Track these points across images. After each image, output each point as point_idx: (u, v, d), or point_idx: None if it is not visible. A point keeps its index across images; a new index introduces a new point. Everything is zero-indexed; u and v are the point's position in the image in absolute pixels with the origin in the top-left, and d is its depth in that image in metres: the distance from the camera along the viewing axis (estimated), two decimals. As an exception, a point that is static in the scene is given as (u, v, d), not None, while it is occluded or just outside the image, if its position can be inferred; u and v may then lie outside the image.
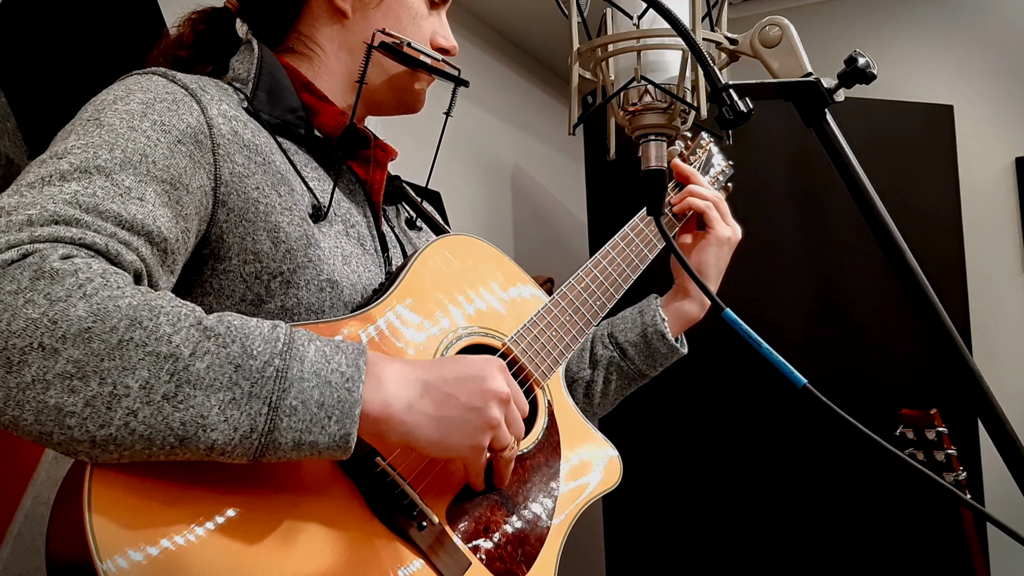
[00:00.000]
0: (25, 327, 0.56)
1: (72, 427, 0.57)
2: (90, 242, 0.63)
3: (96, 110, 0.74)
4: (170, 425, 0.59)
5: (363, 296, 0.84)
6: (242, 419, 0.61)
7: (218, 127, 0.78)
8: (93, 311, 0.58)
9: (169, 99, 0.76)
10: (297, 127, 0.88)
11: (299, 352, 0.64)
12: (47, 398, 0.56)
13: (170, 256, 0.71)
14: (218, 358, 0.61)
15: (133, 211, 0.67)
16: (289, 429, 0.62)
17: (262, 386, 0.62)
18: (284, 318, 0.78)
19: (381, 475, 0.75)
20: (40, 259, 0.59)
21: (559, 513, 0.90)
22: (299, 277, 0.79)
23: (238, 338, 0.63)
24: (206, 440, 0.60)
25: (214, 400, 0.60)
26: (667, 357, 1.19)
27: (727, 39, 0.77)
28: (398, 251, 0.96)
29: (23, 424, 0.57)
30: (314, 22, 0.95)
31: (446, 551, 0.77)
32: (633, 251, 1.10)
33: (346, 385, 0.65)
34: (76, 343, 0.57)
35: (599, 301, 1.04)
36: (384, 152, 0.96)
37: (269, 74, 0.88)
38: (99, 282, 0.60)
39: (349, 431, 0.65)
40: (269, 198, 0.79)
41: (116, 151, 0.69)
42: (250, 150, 0.80)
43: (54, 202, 0.63)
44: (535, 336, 0.95)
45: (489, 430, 0.75)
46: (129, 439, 0.58)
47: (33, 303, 0.57)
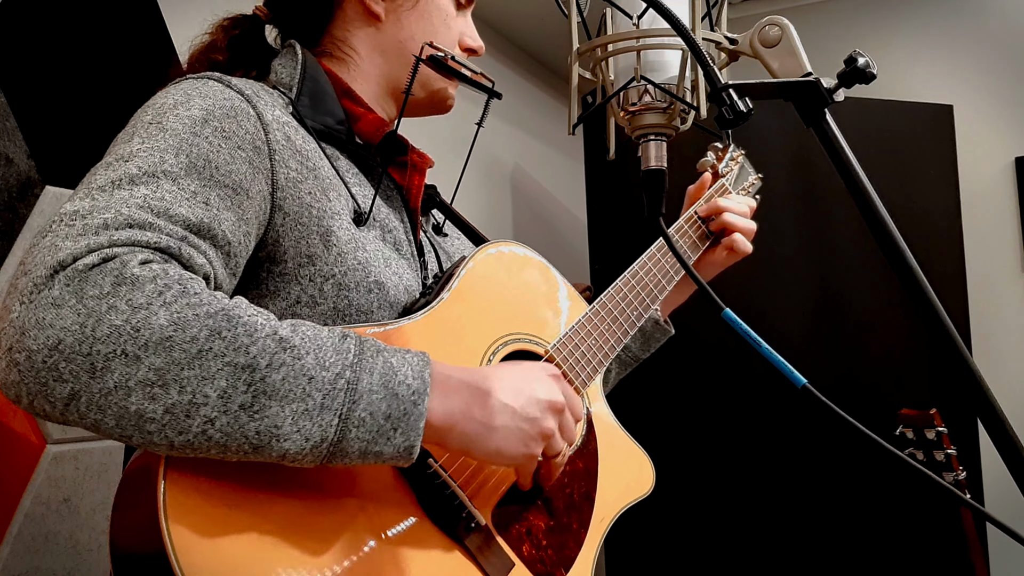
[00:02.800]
0: (109, 333, 0.58)
1: (152, 432, 0.59)
2: (165, 246, 0.65)
3: (157, 114, 0.75)
4: (245, 434, 0.61)
5: (406, 296, 0.87)
6: (313, 430, 0.63)
7: (273, 133, 0.80)
8: (174, 320, 0.60)
9: (228, 105, 0.78)
10: (340, 134, 0.90)
11: (368, 364, 0.67)
12: (128, 404, 0.58)
13: (233, 259, 0.73)
14: (293, 370, 0.63)
15: (200, 215, 0.69)
16: (357, 439, 0.65)
17: (333, 398, 0.64)
18: (337, 319, 0.81)
19: (433, 476, 0.77)
20: (121, 265, 0.60)
21: (596, 518, 0.93)
22: (349, 279, 0.81)
23: (312, 350, 0.65)
24: (279, 449, 0.62)
25: (288, 411, 0.62)
26: (659, 340, 1.24)
27: (727, 39, 0.77)
28: (433, 256, 0.98)
29: (104, 427, 0.59)
30: (347, 26, 0.96)
31: (492, 552, 0.80)
32: (668, 261, 1.12)
33: (412, 398, 0.67)
34: (158, 351, 0.59)
35: (636, 310, 1.05)
36: (421, 158, 0.98)
37: (312, 79, 0.90)
38: (178, 289, 0.61)
39: (413, 443, 0.67)
40: (320, 203, 0.81)
41: (181, 156, 0.71)
42: (302, 156, 0.82)
43: (127, 206, 0.65)
44: (576, 344, 0.97)
45: (543, 440, 0.77)
46: (205, 445, 0.60)
47: (116, 309, 0.59)
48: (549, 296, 1.00)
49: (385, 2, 0.96)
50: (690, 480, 2.25)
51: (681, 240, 1.17)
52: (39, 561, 1.31)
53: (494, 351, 0.89)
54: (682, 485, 2.25)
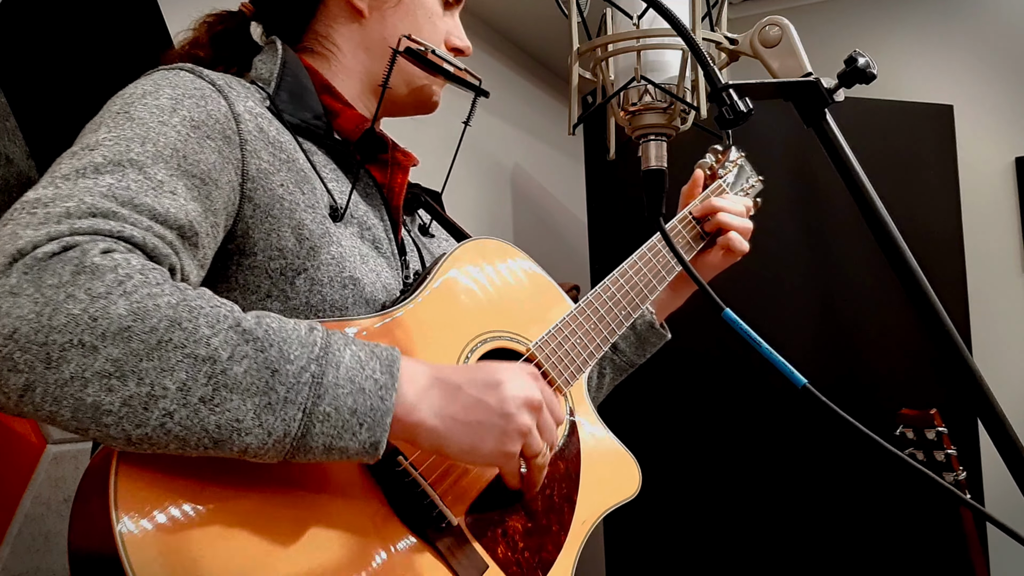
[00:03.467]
0: (66, 323, 0.56)
1: (108, 425, 0.57)
2: (128, 235, 0.63)
3: (125, 103, 0.74)
4: (205, 428, 0.59)
5: (384, 294, 0.85)
6: (276, 424, 0.61)
7: (245, 123, 0.79)
8: (133, 310, 0.58)
9: (198, 94, 0.77)
10: (318, 130, 0.89)
11: (335, 357, 0.65)
12: (85, 395, 0.57)
13: (200, 251, 0.71)
14: (255, 362, 0.61)
15: (167, 205, 0.67)
16: (321, 434, 0.63)
17: (297, 392, 0.62)
18: (309, 314, 0.79)
19: (402, 474, 0.75)
20: (81, 253, 0.59)
21: (577, 521, 0.90)
22: (322, 274, 0.80)
23: (276, 342, 0.63)
24: (240, 443, 0.61)
25: (250, 404, 0.60)
26: (655, 345, 1.22)
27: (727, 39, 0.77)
28: (415, 256, 0.96)
29: (60, 419, 0.57)
30: (331, 22, 0.95)
31: (464, 553, 0.78)
32: (660, 261, 1.10)
33: (379, 393, 0.66)
34: (116, 342, 0.57)
35: (624, 310, 1.03)
36: (405, 156, 0.96)
37: (292, 75, 0.89)
38: (139, 279, 0.60)
39: (379, 439, 0.66)
40: (293, 195, 0.80)
41: (148, 145, 0.70)
42: (275, 147, 0.81)
43: (91, 195, 0.64)
44: (559, 343, 0.95)
45: (520, 437, 0.74)
46: (164, 439, 0.59)
47: (74, 298, 0.57)
48: (533, 294, 0.97)
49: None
50: (691, 480, 2.25)
51: (674, 240, 1.15)
52: (39, 561, 1.31)
53: (472, 348, 0.86)
54: (683, 485, 2.25)
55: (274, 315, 0.66)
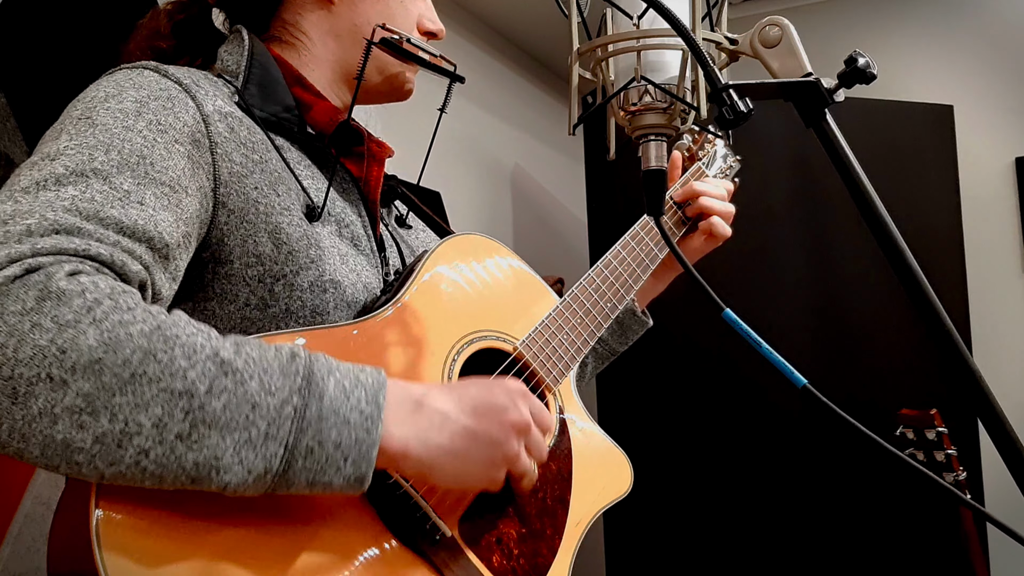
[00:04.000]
0: (32, 355, 0.53)
1: (80, 463, 0.54)
2: (95, 253, 0.60)
3: (87, 108, 0.70)
4: (183, 465, 0.56)
5: (365, 295, 0.83)
6: (256, 461, 0.58)
7: (215, 124, 0.75)
8: (104, 340, 0.55)
9: (164, 96, 0.73)
10: (290, 124, 0.85)
11: (318, 388, 0.62)
12: (54, 432, 0.53)
13: (172, 262, 0.68)
14: (235, 396, 0.58)
15: (134, 216, 0.64)
16: (304, 470, 0.60)
17: (279, 427, 0.59)
18: (289, 321, 0.77)
19: (394, 487, 0.73)
20: (46, 277, 0.55)
21: (571, 523, 0.89)
22: (302, 279, 0.77)
23: (256, 373, 0.60)
24: (219, 481, 0.58)
25: (229, 441, 0.57)
26: (636, 332, 1.20)
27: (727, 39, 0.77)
28: (395, 251, 0.94)
29: (28, 457, 0.54)
30: (298, 9, 0.92)
31: (459, 565, 0.76)
32: (643, 250, 1.08)
33: (365, 425, 0.63)
34: (86, 375, 0.54)
35: (610, 302, 1.02)
36: (380, 148, 0.93)
37: (261, 66, 0.85)
38: (108, 304, 0.56)
39: (364, 473, 0.63)
40: (268, 198, 0.77)
41: (112, 153, 0.66)
42: (247, 148, 0.77)
43: (53, 210, 0.60)
44: (547, 340, 0.93)
45: (506, 464, 0.73)
46: (139, 476, 0.56)
47: (40, 327, 0.53)
48: (517, 290, 0.95)
49: None
50: (691, 480, 2.25)
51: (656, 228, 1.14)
52: (39, 562, 1.31)
53: (459, 350, 0.85)
54: (683, 485, 2.25)
55: (253, 340, 0.63)
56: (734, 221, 1.20)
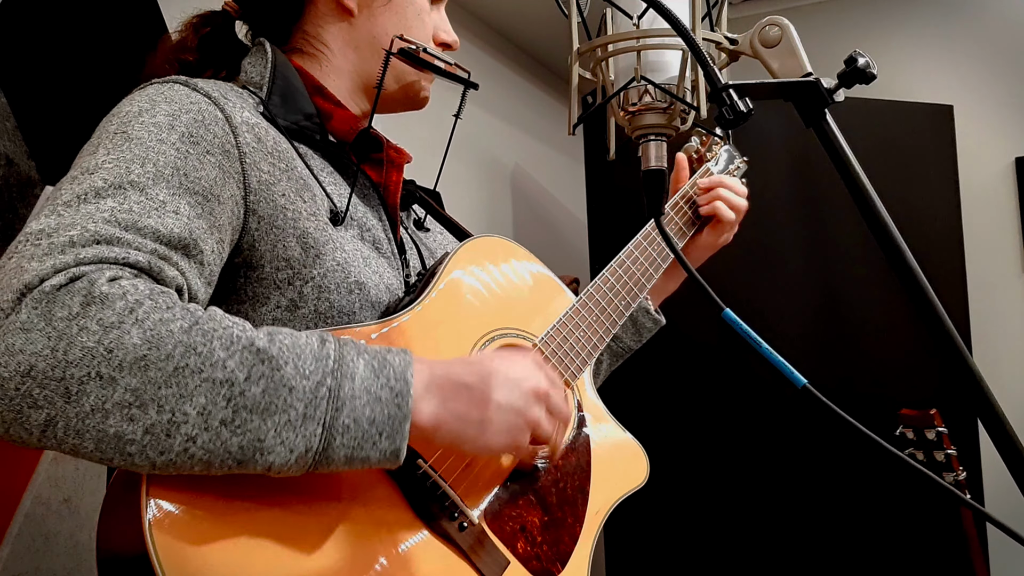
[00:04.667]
0: (82, 356, 0.57)
1: (133, 454, 0.58)
2: (133, 261, 0.63)
3: (122, 123, 0.74)
4: (228, 450, 0.60)
5: (388, 296, 0.86)
6: (297, 440, 0.62)
7: (243, 135, 0.78)
8: (147, 338, 0.59)
9: (195, 109, 0.76)
10: (312, 132, 0.88)
11: (349, 369, 0.66)
12: (107, 427, 0.57)
13: (207, 268, 0.72)
14: (272, 381, 0.62)
15: (170, 225, 0.68)
16: (342, 447, 0.64)
17: (316, 407, 0.63)
18: (319, 321, 0.80)
19: (423, 477, 0.77)
20: (88, 283, 0.59)
21: (590, 512, 0.93)
22: (329, 281, 0.80)
23: (291, 359, 0.64)
24: (263, 462, 0.61)
25: (270, 423, 0.61)
26: (651, 331, 1.23)
27: (727, 39, 0.77)
28: (415, 253, 0.97)
29: (84, 451, 0.58)
30: (319, 21, 0.95)
31: (486, 550, 0.80)
32: (655, 249, 1.11)
33: (396, 401, 0.67)
34: (133, 371, 0.58)
35: (624, 301, 1.05)
36: (398, 154, 0.96)
37: (283, 77, 0.88)
38: (149, 305, 0.60)
39: (399, 446, 0.67)
40: (295, 204, 0.80)
41: (148, 165, 0.70)
42: (274, 157, 0.81)
43: (94, 221, 0.64)
44: (564, 337, 0.97)
45: (529, 428, 0.77)
46: (188, 463, 0.60)
47: (87, 330, 0.57)
48: (535, 289, 0.99)
49: None
50: (691, 480, 2.25)
51: (668, 228, 1.16)
52: (39, 561, 1.31)
53: (480, 348, 0.88)
54: (683, 485, 2.25)
55: (285, 330, 0.66)
56: (735, 221, 1.21)
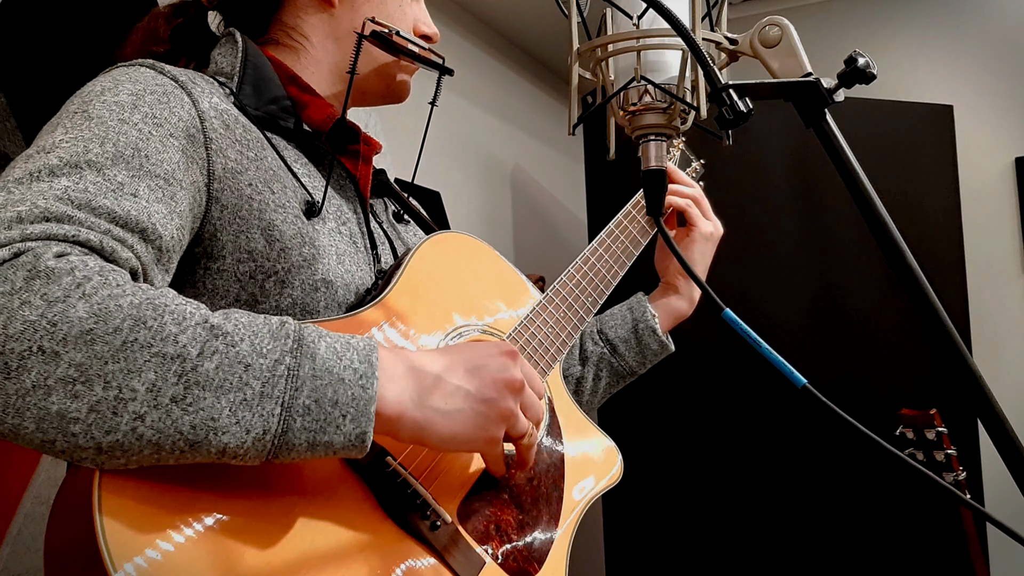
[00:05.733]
0: (23, 330, 0.53)
1: (76, 434, 0.54)
2: (84, 239, 0.60)
3: (83, 102, 0.71)
4: (179, 429, 0.56)
5: (356, 295, 0.83)
6: (254, 420, 0.58)
7: (210, 121, 0.76)
8: (94, 311, 0.55)
9: (160, 91, 0.74)
10: (285, 120, 0.86)
11: (310, 349, 0.62)
12: (49, 404, 0.54)
13: (165, 254, 0.68)
14: (227, 357, 0.58)
15: (127, 207, 0.64)
16: (303, 429, 0.60)
17: (273, 385, 0.59)
18: None
19: (392, 475, 0.73)
20: (34, 258, 0.56)
21: (566, 510, 0.91)
22: (293, 277, 0.77)
23: (247, 336, 0.60)
24: (217, 443, 0.57)
25: (224, 402, 0.57)
26: (657, 354, 1.19)
27: (727, 39, 0.77)
28: (387, 247, 0.95)
29: (24, 432, 0.54)
30: (299, 12, 0.93)
31: (460, 551, 0.76)
32: (619, 248, 1.11)
33: (360, 382, 0.63)
34: (78, 345, 0.54)
35: (591, 297, 1.05)
36: (368, 146, 0.94)
37: (254, 67, 0.86)
38: (98, 280, 0.57)
39: (365, 429, 0.62)
40: (262, 195, 0.77)
41: (107, 145, 0.67)
42: (242, 145, 0.78)
43: (44, 198, 0.60)
44: (532, 333, 0.95)
45: (503, 421, 0.72)
46: (137, 444, 0.56)
47: (30, 304, 0.54)
48: (501, 285, 0.98)
49: None
50: (691, 480, 2.25)
51: (629, 226, 1.14)
52: (40, 561, 1.31)
53: (448, 343, 0.86)
54: (683, 485, 2.26)
55: (242, 311, 0.63)
56: (734, 221, 1.21)
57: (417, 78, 1.01)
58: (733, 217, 1.31)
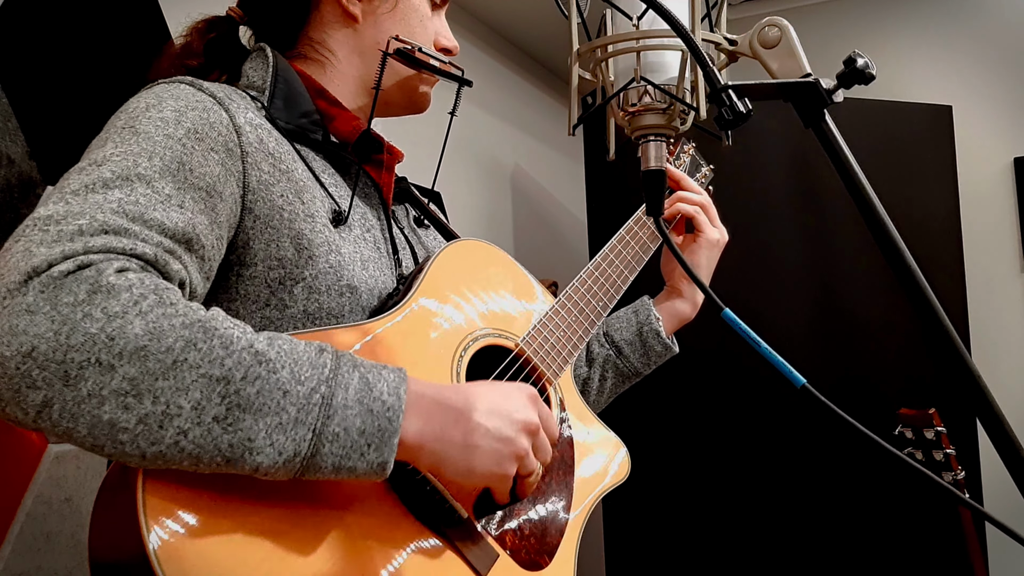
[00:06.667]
0: (84, 341, 0.57)
1: (124, 442, 0.59)
2: (140, 252, 0.64)
3: (130, 118, 0.75)
4: (218, 446, 0.61)
5: (379, 299, 0.87)
6: (287, 444, 0.63)
7: (246, 135, 0.80)
8: (149, 329, 0.60)
9: (200, 107, 0.78)
10: (314, 133, 0.90)
11: (344, 380, 0.66)
12: (101, 413, 0.58)
13: (207, 263, 0.73)
14: (268, 383, 0.63)
15: (175, 219, 0.69)
16: (330, 455, 0.65)
17: (308, 412, 0.64)
18: (307, 322, 0.81)
19: (413, 472, 0.77)
20: (96, 272, 0.60)
21: (575, 506, 0.95)
22: (320, 283, 0.81)
23: (287, 364, 0.64)
24: (252, 462, 0.62)
25: (262, 424, 0.62)
26: (661, 356, 1.22)
27: (726, 40, 0.77)
28: (408, 252, 0.98)
29: (76, 436, 0.58)
30: (324, 27, 0.97)
31: (476, 545, 0.81)
32: (630, 253, 1.15)
33: (387, 414, 0.67)
34: (132, 361, 0.58)
35: (601, 302, 1.09)
36: (392, 155, 0.98)
37: (285, 81, 0.90)
38: (154, 299, 0.61)
39: (387, 459, 0.67)
40: (293, 205, 0.81)
41: (155, 159, 0.71)
42: (274, 158, 0.82)
43: (102, 211, 0.65)
44: (545, 336, 1.00)
45: (516, 460, 0.77)
46: (178, 456, 0.60)
47: (91, 317, 0.58)
48: (515, 291, 1.02)
49: (362, 3, 0.96)
50: (690, 480, 2.25)
51: (640, 232, 1.18)
52: (41, 560, 1.32)
53: (464, 347, 0.90)
54: (683, 485, 2.26)
55: (285, 337, 0.67)
56: (734, 221, 1.21)
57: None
58: (732, 217, 1.31)
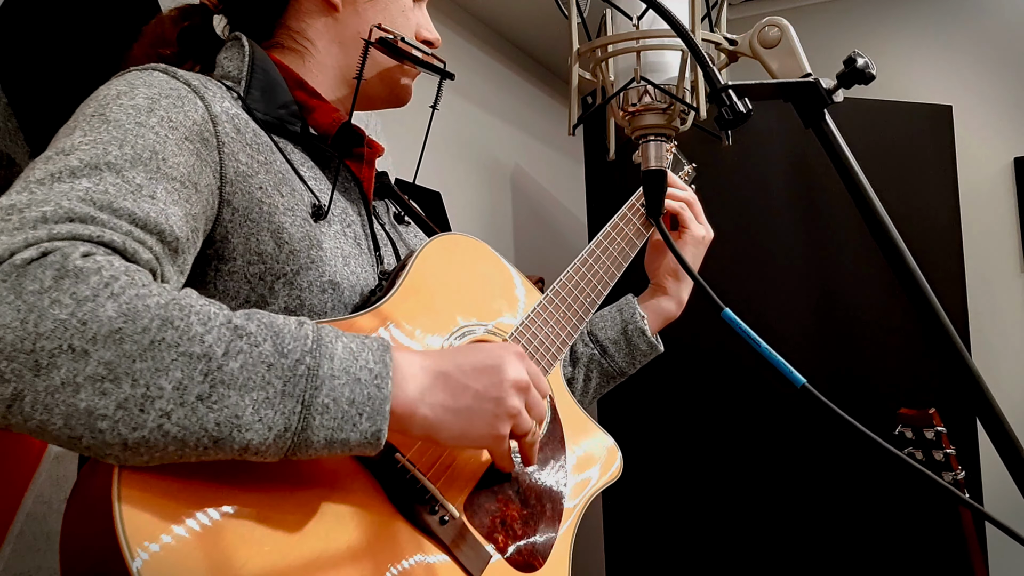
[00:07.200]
0: (54, 328, 0.54)
1: (104, 430, 0.55)
2: (108, 240, 0.61)
3: (100, 105, 0.72)
4: (204, 426, 0.58)
5: (360, 296, 0.85)
6: (276, 418, 0.60)
7: (222, 125, 0.77)
8: (123, 311, 0.57)
9: (174, 95, 0.75)
10: (292, 124, 0.87)
11: (328, 349, 0.64)
12: (77, 401, 0.55)
13: (180, 255, 0.70)
14: (251, 357, 0.60)
15: (146, 209, 0.66)
16: (321, 427, 0.62)
17: (295, 384, 0.61)
18: None
19: (402, 471, 0.75)
20: (62, 257, 0.57)
21: (568, 504, 0.93)
22: (302, 279, 0.79)
23: (269, 336, 0.62)
24: (240, 440, 0.59)
25: (248, 400, 0.59)
26: (646, 355, 1.21)
27: (726, 40, 0.77)
28: (389, 249, 0.96)
29: (51, 428, 0.55)
30: (303, 17, 0.94)
31: (468, 545, 0.78)
32: (616, 249, 1.13)
33: (375, 382, 0.65)
34: (107, 344, 0.55)
35: (589, 298, 1.07)
36: (372, 149, 0.95)
37: (262, 71, 0.87)
38: (125, 280, 0.58)
39: (380, 427, 0.64)
40: (272, 198, 0.79)
41: (126, 147, 0.68)
42: (252, 149, 0.80)
43: (68, 199, 0.62)
44: (533, 332, 0.97)
45: (509, 419, 0.75)
46: (162, 441, 0.57)
47: (60, 303, 0.55)
48: (502, 287, 1.00)
49: None
50: (691, 480, 2.25)
51: (626, 228, 1.16)
52: (41, 560, 1.32)
53: (451, 344, 0.88)
54: (682, 485, 2.26)
55: (263, 311, 0.65)
56: (734, 221, 1.21)
57: (418, 81, 1.02)
58: (732, 217, 1.31)
